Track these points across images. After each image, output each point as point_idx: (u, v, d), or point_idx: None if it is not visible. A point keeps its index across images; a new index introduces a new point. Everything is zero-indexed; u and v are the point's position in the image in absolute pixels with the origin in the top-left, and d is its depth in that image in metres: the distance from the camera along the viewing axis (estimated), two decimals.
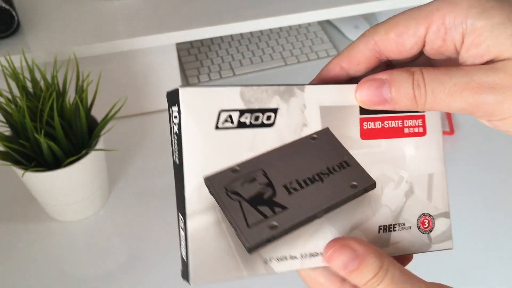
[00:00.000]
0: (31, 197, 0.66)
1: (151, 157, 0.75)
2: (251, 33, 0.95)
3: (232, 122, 0.28)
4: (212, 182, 0.27)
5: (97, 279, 0.61)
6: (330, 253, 0.28)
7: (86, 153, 0.60)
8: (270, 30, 0.96)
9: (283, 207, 0.29)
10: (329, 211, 0.30)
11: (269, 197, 0.29)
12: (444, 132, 0.79)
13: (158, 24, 0.72)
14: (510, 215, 0.69)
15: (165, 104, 0.81)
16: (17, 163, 0.59)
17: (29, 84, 0.65)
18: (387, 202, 0.32)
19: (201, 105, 0.27)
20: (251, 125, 0.28)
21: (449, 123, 0.80)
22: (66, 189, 0.61)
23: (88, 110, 0.62)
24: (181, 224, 0.28)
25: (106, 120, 0.61)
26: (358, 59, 0.30)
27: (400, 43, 0.28)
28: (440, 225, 0.35)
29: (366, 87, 0.29)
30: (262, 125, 0.28)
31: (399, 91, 0.27)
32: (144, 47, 0.71)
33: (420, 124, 0.33)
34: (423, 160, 0.33)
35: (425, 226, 0.34)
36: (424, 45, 0.28)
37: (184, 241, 0.27)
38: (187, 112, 0.27)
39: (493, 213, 0.69)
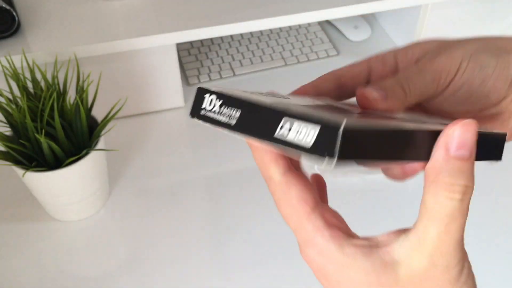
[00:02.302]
0: (31, 197, 0.66)
1: (151, 157, 0.75)
2: (251, 33, 0.95)
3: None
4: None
5: (97, 279, 0.61)
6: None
7: (87, 153, 0.60)
8: (270, 30, 0.96)
9: None
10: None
11: None
12: None
13: (158, 24, 0.72)
14: (510, 215, 0.69)
15: (165, 104, 0.82)
16: (17, 163, 0.59)
17: (29, 84, 0.65)
18: None
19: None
20: None
21: None
22: (66, 189, 0.61)
23: (88, 110, 0.62)
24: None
25: (106, 120, 0.61)
26: (357, 76, 0.34)
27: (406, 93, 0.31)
28: None
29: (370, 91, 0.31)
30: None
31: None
32: (144, 47, 0.71)
33: None
34: None
35: None
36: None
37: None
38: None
39: (493, 213, 0.69)
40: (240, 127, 0.25)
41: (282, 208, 0.28)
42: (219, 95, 0.26)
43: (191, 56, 0.91)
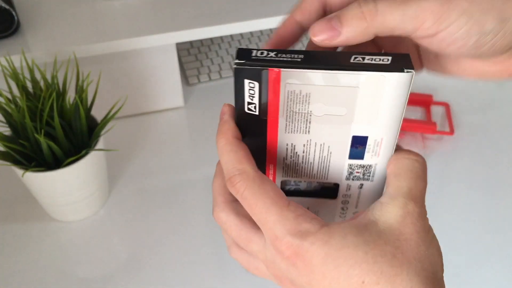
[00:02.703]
0: (31, 197, 0.66)
1: (151, 157, 0.75)
2: (251, 33, 0.95)
3: None
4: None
5: (97, 279, 0.61)
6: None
7: (86, 153, 0.60)
8: (270, 30, 0.96)
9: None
10: None
11: None
12: (444, 133, 0.79)
13: (158, 24, 0.72)
14: (510, 215, 0.69)
15: (164, 104, 0.82)
16: (17, 163, 0.59)
17: (29, 84, 0.65)
18: None
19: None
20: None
21: (449, 124, 0.80)
22: (66, 189, 0.61)
23: (88, 110, 0.62)
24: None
25: (106, 120, 0.61)
26: (309, 9, 0.32)
27: None
28: None
29: (317, 23, 0.30)
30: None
31: (347, 14, 0.29)
32: (144, 47, 0.71)
33: None
34: None
35: None
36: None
37: None
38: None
39: (492, 213, 0.69)
40: (307, 63, 0.29)
41: (258, 201, 0.29)
42: (269, 50, 0.30)
43: (191, 56, 0.90)
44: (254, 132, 0.32)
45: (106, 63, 0.73)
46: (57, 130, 0.56)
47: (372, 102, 0.30)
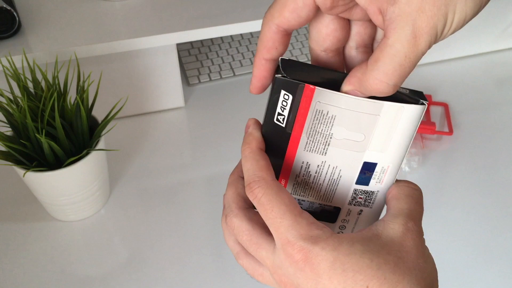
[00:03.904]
0: (32, 197, 0.66)
1: (152, 157, 0.75)
2: (251, 33, 0.95)
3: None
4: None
5: (98, 279, 0.61)
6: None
7: (87, 153, 0.60)
8: None
9: None
10: None
11: None
12: (443, 133, 0.80)
13: (159, 24, 0.72)
14: (510, 215, 0.69)
15: (165, 105, 0.82)
16: (18, 163, 0.59)
17: (30, 85, 0.65)
18: None
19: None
20: None
21: (448, 124, 0.81)
22: (67, 189, 0.61)
23: (89, 110, 0.62)
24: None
25: (107, 120, 0.61)
26: (274, 45, 0.32)
27: (296, 17, 0.30)
28: None
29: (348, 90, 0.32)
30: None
31: (366, 92, 0.31)
32: (144, 47, 0.71)
33: None
34: None
35: None
36: (318, 8, 0.30)
37: None
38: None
39: (492, 213, 0.69)
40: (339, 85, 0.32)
41: (274, 207, 0.31)
42: (312, 65, 0.32)
43: (191, 56, 0.91)
44: (276, 144, 0.34)
45: (107, 63, 0.73)
46: (58, 130, 0.56)
47: (388, 130, 0.32)
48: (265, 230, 0.33)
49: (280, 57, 0.32)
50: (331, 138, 0.33)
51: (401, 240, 0.30)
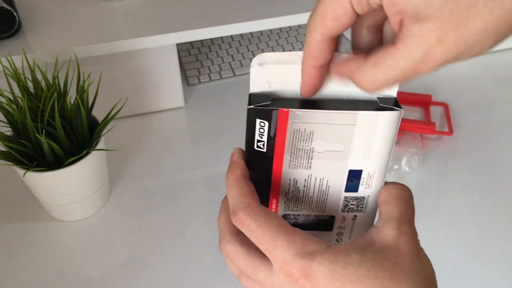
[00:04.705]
0: (32, 197, 0.66)
1: (152, 157, 0.75)
2: (251, 33, 0.95)
3: None
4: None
5: (98, 279, 0.61)
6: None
7: (87, 153, 0.60)
8: (270, 30, 0.96)
9: None
10: None
11: None
12: (443, 133, 0.80)
13: (159, 24, 0.72)
14: (509, 215, 0.69)
15: (165, 105, 0.82)
16: (18, 163, 0.59)
17: (30, 85, 0.65)
18: None
19: None
20: None
21: (448, 124, 0.81)
22: (67, 189, 0.61)
23: (89, 110, 0.62)
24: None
25: (107, 120, 0.61)
26: (321, 54, 0.32)
27: (339, 24, 0.30)
28: None
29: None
30: None
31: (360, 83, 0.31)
32: (144, 47, 0.71)
33: None
34: None
35: None
36: (357, 12, 0.30)
37: None
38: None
39: (492, 213, 0.69)
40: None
41: (265, 231, 0.31)
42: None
43: (191, 56, 0.91)
44: (260, 168, 0.35)
45: (107, 63, 0.73)
46: (58, 130, 0.56)
47: (367, 138, 0.33)
48: (260, 252, 0.33)
49: (249, 92, 0.33)
50: (312, 152, 0.34)
51: (396, 244, 0.31)
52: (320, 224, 0.38)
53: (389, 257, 0.30)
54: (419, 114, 0.83)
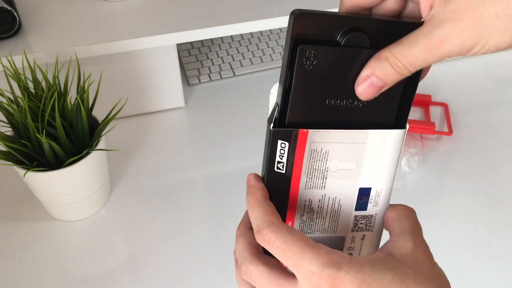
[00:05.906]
0: (32, 197, 0.66)
1: (152, 157, 0.75)
2: (251, 33, 0.95)
3: None
4: None
5: (98, 279, 0.61)
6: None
7: (88, 153, 0.60)
8: (270, 31, 0.96)
9: None
10: None
11: None
12: (443, 133, 0.80)
13: (159, 25, 0.72)
14: (509, 215, 0.69)
15: (165, 105, 0.82)
16: (18, 163, 0.59)
17: (30, 85, 0.65)
18: None
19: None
20: None
21: (448, 124, 0.81)
22: (67, 189, 0.62)
23: (89, 110, 0.62)
24: None
25: (107, 120, 0.61)
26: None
27: None
28: None
29: (362, 89, 0.32)
30: None
31: (386, 76, 0.31)
32: (145, 47, 0.72)
33: None
34: None
35: None
36: None
37: None
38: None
39: (492, 213, 0.70)
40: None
41: (291, 246, 0.32)
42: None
43: (191, 56, 0.91)
44: (279, 190, 0.36)
45: (107, 63, 0.73)
46: (58, 130, 0.56)
47: (377, 155, 0.35)
48: (283, 270, 0.34)
49: (268, 118, 0.34)
50: (327, 171, 0.35)
51: (414, 254, 0.33)
52: (330, 246, 0.39)
53: (410, 265, 0.32)
54: (419, 114, 0.83)
